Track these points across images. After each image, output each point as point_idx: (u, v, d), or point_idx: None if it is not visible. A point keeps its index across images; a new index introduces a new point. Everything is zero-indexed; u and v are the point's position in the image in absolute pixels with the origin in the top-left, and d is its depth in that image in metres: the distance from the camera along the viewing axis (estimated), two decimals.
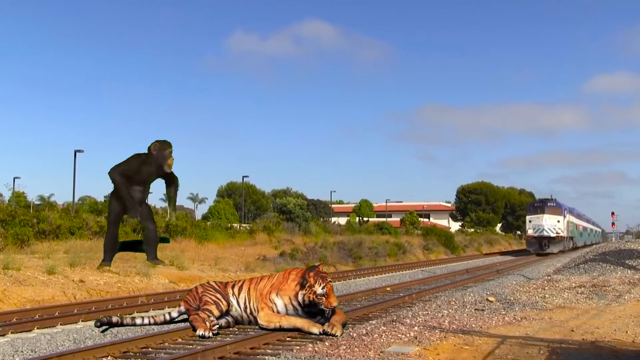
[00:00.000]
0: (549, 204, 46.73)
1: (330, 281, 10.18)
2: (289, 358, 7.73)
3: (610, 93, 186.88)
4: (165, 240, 22.14)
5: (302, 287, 9.99)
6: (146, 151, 18.45)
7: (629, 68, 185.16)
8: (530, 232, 46.44)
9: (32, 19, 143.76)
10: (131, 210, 18.37)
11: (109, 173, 18.25)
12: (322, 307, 9.88)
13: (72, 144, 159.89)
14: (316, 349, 8.20)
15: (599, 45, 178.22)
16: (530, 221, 46.82)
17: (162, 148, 18.33)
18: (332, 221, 65.58)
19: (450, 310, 11.99)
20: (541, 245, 45.21)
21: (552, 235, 45.16)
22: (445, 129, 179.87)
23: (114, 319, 10.44)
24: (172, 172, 18.82)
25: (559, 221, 45.70)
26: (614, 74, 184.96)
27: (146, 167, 18.44)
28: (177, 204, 22.00)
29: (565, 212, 47.71)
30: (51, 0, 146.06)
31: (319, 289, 9.86)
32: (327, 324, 9.64)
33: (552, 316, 11.40)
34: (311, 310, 10.03)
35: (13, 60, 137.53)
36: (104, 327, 10.28)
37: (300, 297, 10.02)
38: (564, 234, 46.13)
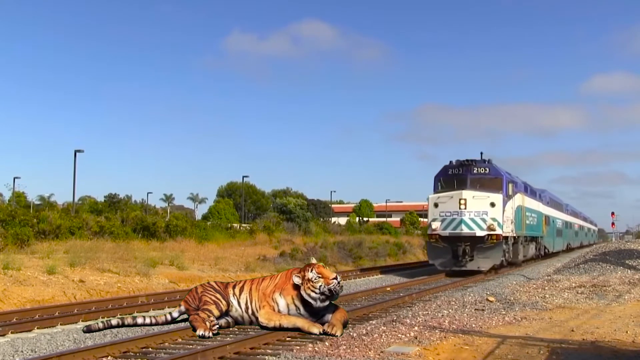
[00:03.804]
0: (474, 170, 24.13)
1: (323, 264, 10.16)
2: (289, 358, 7.73)
3: (608, 93, 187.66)
4: None
5: (298, 287, 10.04)
6: None
7: (626, 68, 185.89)
8: (435, 226, 23.54)
9: (32, 19, 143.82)
10: None
11: None
12: (325, 289, 9.79)
13: (72, 144, 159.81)
14: (316, 349, 8.20)
15: (596, 45, 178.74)
16: (435, 205, 23.83)
17: None
18: (332, 221, 65.60)
19: (450, 310, 11.98)
20: (456, 255, 23.09)
21: (480, 233, 22.86)
22: (445, 129, 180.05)
23: (114, 322, 10.43)
24: None
25: (494, 204, 23.09)
26: (611, 74, 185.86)
27: None
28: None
29: (511, 187, 24.92)
30: (51, 0, 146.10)
31: (309, 274, 9.94)
32: (327, 324, 9.65)
33: (552, 316, 11.39)
34: (313, 309, 10.02)
35: (13, 60, 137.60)
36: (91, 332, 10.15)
37: (304, 294, 10.01)
38: (506, 230, 23.81)
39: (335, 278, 9.92)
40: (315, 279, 9.89)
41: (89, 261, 18.21)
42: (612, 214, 55.80)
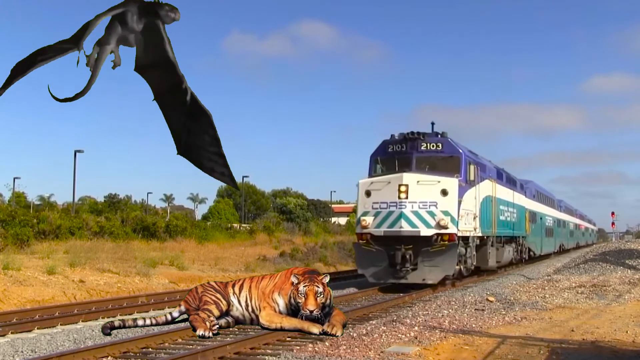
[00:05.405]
0: (422, 146, 18.25)
1: (320, 290, 9.83)
2: (289, 358, 7.74)
3: (607, 93, 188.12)
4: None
5: (292, 284, 10.08)
6: None
7: (624, 69, 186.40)
8: (366, 223, 17.34)
9: (32, 19, 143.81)
10: None
11: None
12: (301, 308, 9.78)
13: (72, 144, 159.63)
14: (316, 349, 8.20)
15: (595, 47, 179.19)
16: (367, 193, 17.73)
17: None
18: (332, 221, 65.55)
19: (450, 310, 11.98)
20: (394, 262, 16.78)
21: (426, 232, 16.85)
22: (443, 129, 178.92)
23: (116, 323, 10.44)
24: None
25: (446, 192, 17.05)
26: (610, 75, 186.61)
27: None
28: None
29: (473, 170, 18.84)
30: (51, 1, 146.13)
31: (301, 287, 9.87)
32: (327, 324, 9.64)
33: (552, 316, 11.40)
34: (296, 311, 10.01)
35: (13, 61, 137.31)
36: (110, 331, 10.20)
37: (289, 294, 10.04)
38: (465, 228, 17.93)
39: (312, 311, 9.66)
40: (300, 294, 9.82)
41: (89, 261, 18.22)
42: (612, 213, 55.83)
